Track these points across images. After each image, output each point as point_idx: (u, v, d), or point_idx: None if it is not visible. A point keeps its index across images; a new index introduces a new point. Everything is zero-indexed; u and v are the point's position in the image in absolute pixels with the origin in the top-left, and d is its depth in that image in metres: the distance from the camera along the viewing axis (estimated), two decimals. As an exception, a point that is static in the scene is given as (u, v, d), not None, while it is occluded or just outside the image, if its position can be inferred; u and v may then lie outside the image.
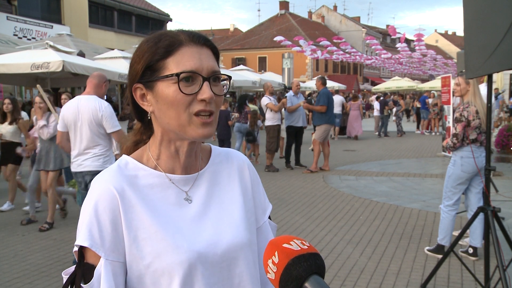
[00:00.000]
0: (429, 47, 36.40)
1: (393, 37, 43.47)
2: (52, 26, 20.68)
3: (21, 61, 10.38)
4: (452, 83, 9.01)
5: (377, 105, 18.44)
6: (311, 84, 26.70)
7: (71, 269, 1.02)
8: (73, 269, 1.01)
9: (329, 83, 21.78)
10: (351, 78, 47.04)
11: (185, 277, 0.99)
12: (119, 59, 13.84)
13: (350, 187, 8.38)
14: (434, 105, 17.74)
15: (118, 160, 1.09)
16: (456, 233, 4.98)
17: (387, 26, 37.46)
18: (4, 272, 4.48)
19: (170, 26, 32.96)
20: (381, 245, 5.18)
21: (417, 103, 20.90)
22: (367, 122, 23.46)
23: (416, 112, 21.11)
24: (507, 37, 3.05)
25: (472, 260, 4.64)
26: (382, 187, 8.39)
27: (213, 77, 1.02)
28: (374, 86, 43.58)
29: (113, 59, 13.89)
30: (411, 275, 4.32)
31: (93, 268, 0.97)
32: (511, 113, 15.62)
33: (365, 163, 11.35)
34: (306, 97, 12.70)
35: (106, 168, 1.09)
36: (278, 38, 27.21)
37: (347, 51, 30.74)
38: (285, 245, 0.79)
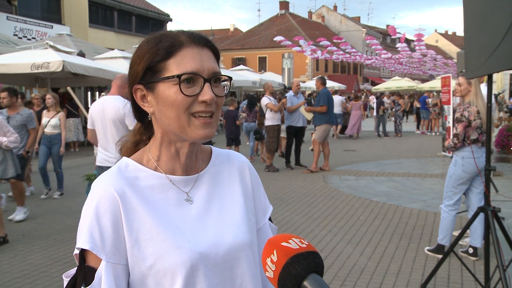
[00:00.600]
0: (429, 47, 36.37)
1: (393, 37, 43.46)
2: (52, 26, 20.69)
3: (21, 61, 10.40)
4: (452, 83, 9.02)
5: (375, 105, 18.49)
6: (311, 84, 26.72)
7: (72, 272, 1.01)
8: (74, 271, 1.01)
9: (329, 83, 21.81)
10: (351, 78, 47.04)
11: (188, 278, 0.99)
12: (119, 59, 13.86)
13: (350, 187, 8.38)
14: (434, 105, 17.74)
15: (118, 162, 1.09)
16: (456, 233, 4.98)
17: (387, 26, 37.47)
18: (4, 272, 4.47)
19: (170, 26, 32.98)
20: (381, 245, 5.18)
21: (417, 103, 20.91)
22: (367, 122, 23.46)
23: (416, 112, 21.11)
24: (507, 37, 3.05)
25: (472, 260, 4.63)
26: (382, 187, 8.39)
27: (214, 78, 1.02)
28: (374, 86, 43.59)
29: (113, 59, 13.92)
30: (411, 275, 4.32)
31: (94, 271, 0.96)
32: (511, 113, 15.60)
33: (365, 163, 11.35)
34: (306, 97, 12.68)
35: None
36: (278, 38, 27.21)
37: (347, 51, 30.72)
38: (284, 244, 0.79)
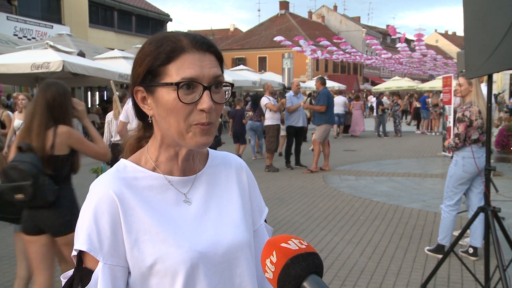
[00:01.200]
0: (429, 47, 36.39)
1: (393, 37, 43.53)
2: (52, 26, 20.69)
3: (21, 61, 10.39)
4: (453, 83, 9.02)
5: (375, 105, 18.54)
6: (311, 84, 26.67)
7: (69, 273, 1.01)
8: (72, 273, 1.01)
9: (329, 83, 21.78)
10: (351, 78, 47.03)
11: (188, 277, 0.99)
12: (119, 59, 13.86)
13: (350, 187, 8.38)
14: (434, 105, 17.74)
15: (116, 164, 1.09)
16: (456, 233, 4.98)
17: (387, 26, 37.49)
18: (4, 272, 4.48)
19: (170, 26, 33.01)
20: (381, 245, 5.18)
21: (417, 103, 20.91)
22: (367, 122, 23.44)
23: (415, 112, 21.12)
24: (507, 37, 3.05)
25: (472, 260, 4.63)
26: (382, 187, 8.39)
27: (215, 84, 1.01)
28: (374, 86, 43.56)
29: (113, 59, 13.92)
30: (411, 275, 4.32)
31: (91, 272, 0.96)
32: (511, 113, 15.62)
33: (365, 163, 11.35)
34: (307, 98, 12.70)
35: None
36: (278, 38, 27.22)
37: (347, 51, 30.74)
38: (283, 245, 0.79)
